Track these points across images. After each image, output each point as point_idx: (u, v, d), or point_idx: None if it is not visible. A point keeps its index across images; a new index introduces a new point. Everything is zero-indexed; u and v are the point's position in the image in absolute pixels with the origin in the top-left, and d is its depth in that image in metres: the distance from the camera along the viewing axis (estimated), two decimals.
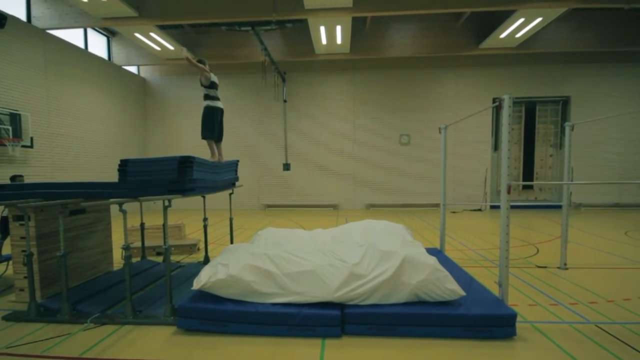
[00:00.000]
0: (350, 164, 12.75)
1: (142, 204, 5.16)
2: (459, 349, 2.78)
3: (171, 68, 12.87)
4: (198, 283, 3.18)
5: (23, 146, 7.85)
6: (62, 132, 9.23)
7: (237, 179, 5.03)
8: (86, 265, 4.53)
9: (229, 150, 12.21)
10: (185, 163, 3.42)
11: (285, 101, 12.31)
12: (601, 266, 5.13)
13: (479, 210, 12.07)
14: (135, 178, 3.52)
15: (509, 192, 3.08)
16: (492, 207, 12.28)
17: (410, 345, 2.84)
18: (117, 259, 5.31)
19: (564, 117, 12.20)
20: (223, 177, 4.52)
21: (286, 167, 12.72)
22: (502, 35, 9.69)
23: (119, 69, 11.62)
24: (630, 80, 11.91)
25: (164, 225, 3.36)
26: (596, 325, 3.19)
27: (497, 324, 2.92)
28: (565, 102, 12.27)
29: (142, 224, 5.27)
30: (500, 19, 9.19)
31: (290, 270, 3.26)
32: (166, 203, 3.31)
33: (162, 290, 3.96)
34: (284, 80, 12.08)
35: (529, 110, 12.45)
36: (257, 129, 12.91)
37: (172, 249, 6.04)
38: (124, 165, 3.55)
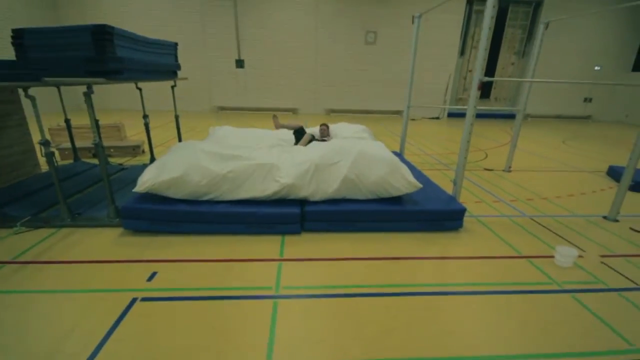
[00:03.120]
0: (311, 63, 11.75)
1: (63, 96, 4.36)
2: (411, 240, 2.94)
3: None
4: (141, 185, 2.85)
5: None
6: None
7: (178, 66, 4.27)
8: (5, 167, 3.91)
9: (169, 39, 10.44)
10: (102, 34, 2.67)
11: None
12: (540, 170, 5.59)
13: (437, 118, 12.30)
14: (38, 55, 2.74)
15: (479, 88, 2.91)
16: (450, 115, 12.55)
17: (367, 238, 2.94)
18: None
19: (534, 22, 11.83)
20: (159, 60, 3.76)
21: (239, 64, 11.42)
22: None
23: None
24: None
25: (89, 116, 2.80)
26: (530, 218, 3.53)
27: (448, 217, 3.09)
28: (537, 5, 11.72)
29: (66, 120, 4.50)
30: None
31: (243, 168, 3.05)
32: (84, 89, 2.69)
33: (103, 193, 3.61)
34: None
35: (500, 12, 11.80)
36: (203, 17, 10.96)
37: (112, 150, 5.46)
38: (19, 37, 2.71)
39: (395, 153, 5.13)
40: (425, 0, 10.95)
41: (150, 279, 2.26)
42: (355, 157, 3.18)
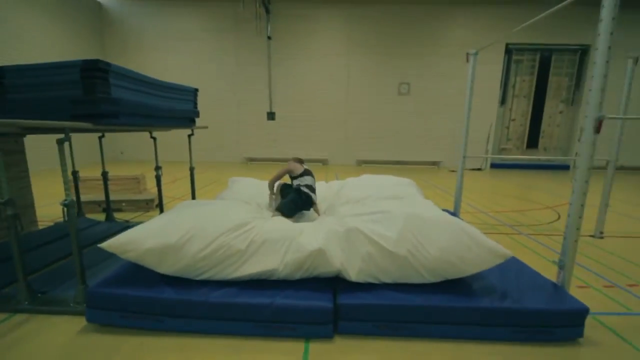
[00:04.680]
0: (342, 115, 11.45)
1: (70, 146, 3.97)
2: (504, 358, 1.87)
3: None
4: (114, 244, 2.14)
5: None
6: None
7: (196, 113, 3.78)
8: None
9: (201, 95, 10.60)
10: (93, 71, 2.16)
11: (269, 38, 10.58)
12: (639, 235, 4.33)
13: (479, 169, 11.22)
14: (20, 95, 2.28)
15: (598, 131, 2.02)
16: (493, 166, 11.46)
17: (431, 351, 1.92)
18: (49, 215, 4.20)
19: (581, 70, 11.02)
20: (171, 105, 3.26)
21: (271, 116, 11.34)
22: None
23: None
24: None
25: (62, 170, 2.20)
26: None
27: (560, 322, 2.01)
28: (583, 52, 10.99)
29: (74, 172, 4.06)
30: None
31: (255, 234, 2.26)
32: (61, 135, 2.12)
33: (90, 260, 2.93)
34: (267, 11, 10.25)
35: (543, 60, 11.16)
36: (236, 69, 11.23)
37: (123, 204, 4.95)
38: (1, 77, 2.27)
39: (448, 212, 4.17)
40: (461, 55, 10.72)
41: None
42: (404, 224, 2.29)
